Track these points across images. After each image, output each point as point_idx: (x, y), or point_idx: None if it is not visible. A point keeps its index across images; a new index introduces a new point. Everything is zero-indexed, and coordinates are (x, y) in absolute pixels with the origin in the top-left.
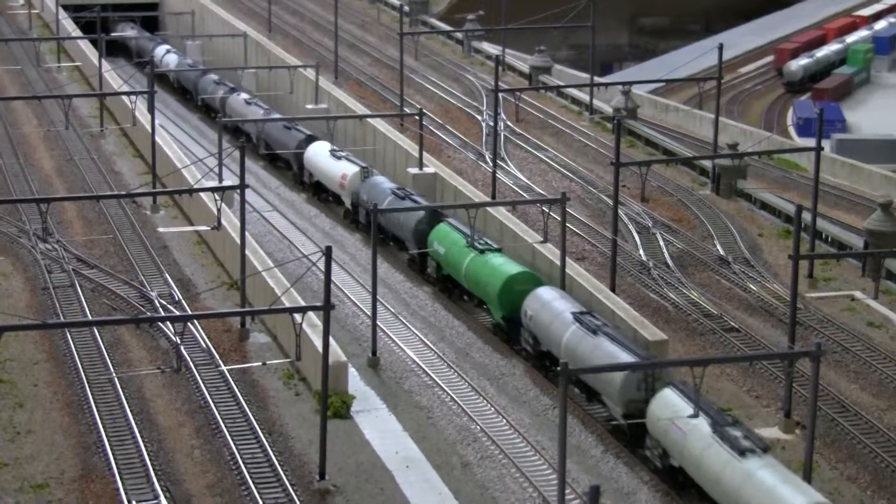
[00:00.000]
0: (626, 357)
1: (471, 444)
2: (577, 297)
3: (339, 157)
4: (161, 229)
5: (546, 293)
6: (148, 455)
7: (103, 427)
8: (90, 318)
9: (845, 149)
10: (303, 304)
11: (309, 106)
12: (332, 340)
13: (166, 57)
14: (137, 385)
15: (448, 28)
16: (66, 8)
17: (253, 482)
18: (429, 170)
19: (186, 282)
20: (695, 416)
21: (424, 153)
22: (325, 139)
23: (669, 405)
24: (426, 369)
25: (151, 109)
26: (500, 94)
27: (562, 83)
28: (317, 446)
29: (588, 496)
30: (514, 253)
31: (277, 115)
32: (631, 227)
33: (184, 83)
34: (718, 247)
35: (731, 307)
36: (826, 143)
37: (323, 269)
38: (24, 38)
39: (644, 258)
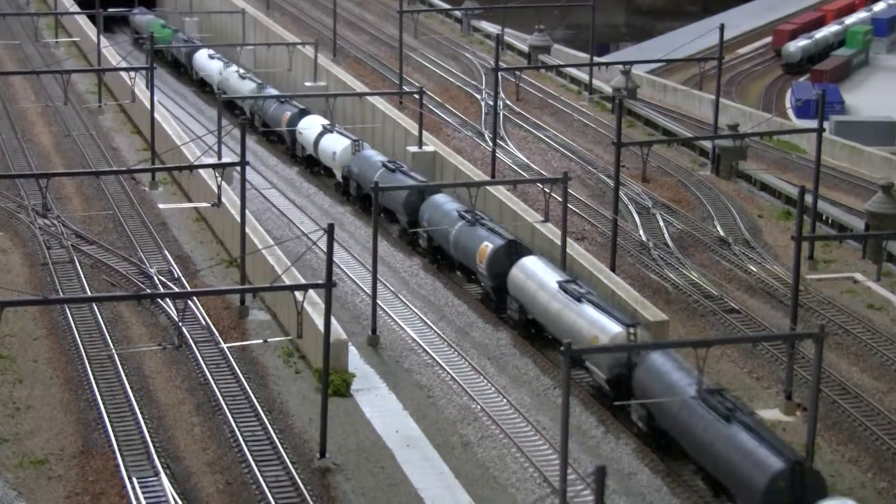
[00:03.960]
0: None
1: (471, 424)
2: (577, 277)
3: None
4: (161, 206)
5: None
6: (148, 431)
7: (103, 403)
8: (90, 294)
9: (844, 131)
10: (303, 281)
11: (308, 83)
12: (332, 319)
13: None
14: (137, 362)
15: (447, 6)
16: None
17: (253, 459)
18: (428, 148)
19: (185, 258)
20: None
21: (424, 132)
22: (324, 117)
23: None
24: (426, 348)
25: (151, 86)
26: (500, 73)
27: (561, 62)
28: (317, 424)
29: (595, 478)
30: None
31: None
32: (631, 207)
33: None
34: (718, 228)
35: (732, 288)
36: (825, 125)
37: (323, 247)
38: (22, 13)
39: (644, 238)
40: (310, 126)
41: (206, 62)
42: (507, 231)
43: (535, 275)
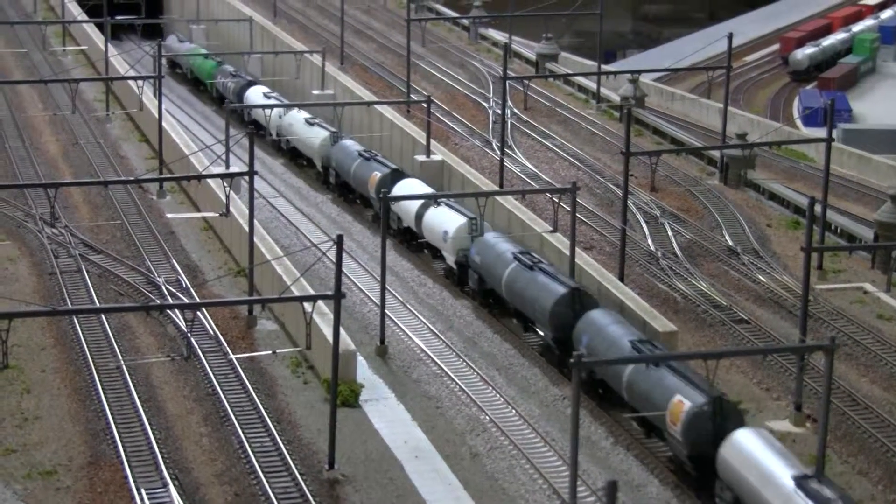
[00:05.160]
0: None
1: (480, 435)
2: (586, 287)
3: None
4: (170, 215)
5: None
6: (156, 442)
7: (111, 414)
8: (97, 303)
9: (851, 139)
10: (312, 292)
11: (315, 91)
12: (340, 329)
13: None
14: (145, 372)
15: (454, 14)
16: None
17: (262, 471)
18: (436, 157)
19: (193, 268)
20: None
21: (431, 140)
22: (332, 125)
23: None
24: (434, 358)
25: (159, 94)
26: (507, 82)
27: (568, 71)
28: (325, 435)
29: (606, 492)
30: (522, 242)
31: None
32: (639, 216)
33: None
34: (727, 237)
35: (741, 298)
36: (833, 134)
37: (332, 257)
38: (30, 22)
39: (653, 248)
40: (409, 193)
41: (261, 102)
42: (707, 382)
43: (756, 460)
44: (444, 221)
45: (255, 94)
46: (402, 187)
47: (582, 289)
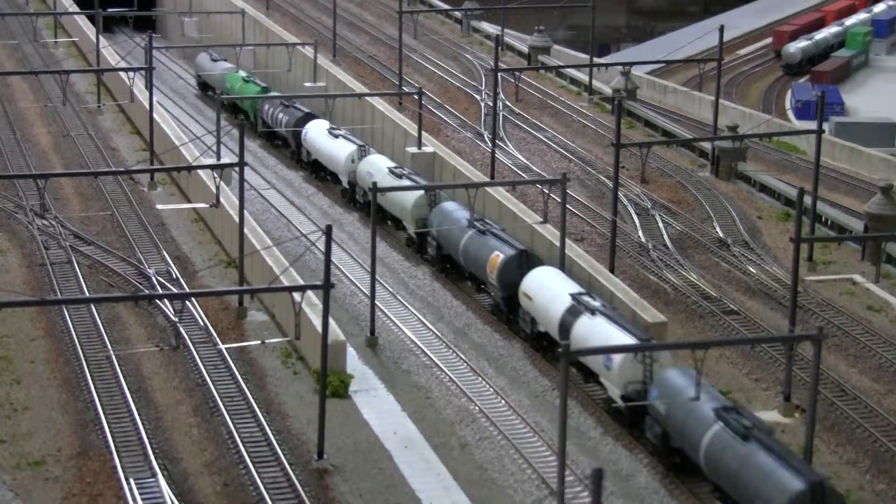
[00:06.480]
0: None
1: (469, 425)
2: (577, 279)
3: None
4: (160, 206)
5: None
6: (145, 433)
7: (101, 404)
8: (87, 294)
9: (843, 132)
10: (301, 282)
11: (307, 84)
12: (330, 320)
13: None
14: (135, 362)
15: (447, 7)
16: None
17: (251, 461)
18: (427, 149)
19: (184, 259)
20: None
21: (423, 132)
22: (324, 117)
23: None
24: (424, 349)
25: (149, 86)
26: (499, 74)
27: (561, 63)
28: (315, 425)
29: (591, 479)
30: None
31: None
32: (630, 208)
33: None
34: (718, 229)
35: (731, 289)
36: (824, 126)
37: (321, 248)
38: (21, 13)
39: (643, 240)
40: (549, 290)
41: (326, 142)
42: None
43: None
44: (607, 340)
45: (318, 132)
46: (538, 278)
47: (825, 481)
